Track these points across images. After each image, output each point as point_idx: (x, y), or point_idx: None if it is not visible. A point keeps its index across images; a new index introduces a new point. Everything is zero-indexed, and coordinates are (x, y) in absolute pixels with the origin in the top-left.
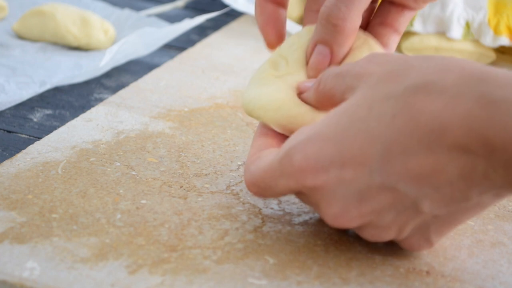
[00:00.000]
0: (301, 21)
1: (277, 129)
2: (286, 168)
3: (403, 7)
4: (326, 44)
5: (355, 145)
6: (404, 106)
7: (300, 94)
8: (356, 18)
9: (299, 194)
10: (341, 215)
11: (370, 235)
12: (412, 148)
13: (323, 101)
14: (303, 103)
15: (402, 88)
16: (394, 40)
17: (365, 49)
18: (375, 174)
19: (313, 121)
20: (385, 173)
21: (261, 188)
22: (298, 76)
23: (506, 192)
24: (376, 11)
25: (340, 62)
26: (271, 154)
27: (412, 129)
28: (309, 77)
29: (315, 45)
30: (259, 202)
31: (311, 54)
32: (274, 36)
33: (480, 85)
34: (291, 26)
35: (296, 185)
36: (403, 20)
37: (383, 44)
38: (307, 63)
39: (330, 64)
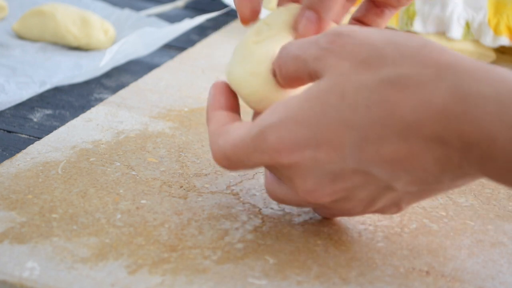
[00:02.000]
0: None
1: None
2: (259, 145)
3: (384, 7)
4: (314, 9)
5: (329, 131)
6: (379, 98)
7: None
8: None
9: (272, 168)
10: (315, 191)
11: (341, 210)
12: (387, 138)
13: (291, 85)
14: (276, 87)
15: (376, 79)
16: None
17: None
18: (349, 159)
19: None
20: (359, 158)
21: (232, 161)
22: (280, 38)
23: (480, 177)
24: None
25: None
26: (240, 128)
27: (387, 121)
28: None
29: (304, 11)
30: (259, 202)
31: (299, 21)
32: (249, 11)
33: (455, 79)
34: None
35: (270, 161)
36: (381, 22)
37: None
38: (296, 30)
39: (318, 28)
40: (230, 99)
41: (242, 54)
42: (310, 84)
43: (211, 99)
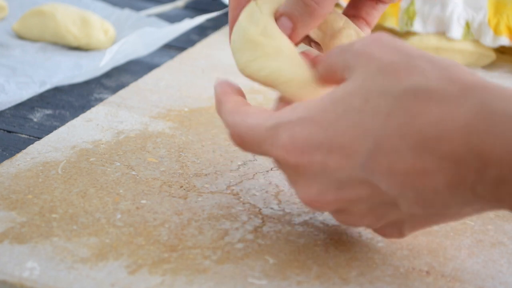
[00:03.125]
0: None
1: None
2: (271, 139)
3: (377, 0)
4: (291, 20)
5: (346, 136)
6: (401, 107)
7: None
8: (330, 5)
9: (279, 165)
10: (317, 198)
11: (343, 220)
12: (401, 151)
13: (326, 77)
14: (310, 79)
15: (401, 87)
16: (366, 33)
17: (351, 30)
18: (360, 168)
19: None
20: (370, 169)
21: (245, 142)
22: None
23: (488, 208)
24: (348, 3)
25: (327, 44)
26: (259, 114)
27: (405, 132)
28: None
29: (281, 15)
30: (259, 202)
31: (276, 21)
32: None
33: (481, 96)
34: None
35: (277, 157)
36: (376, 14)
37: None
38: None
39: (290, 38)
40: (240, 91)
41: (254, 49)
42: (336, 87)
43: (221, 89)
